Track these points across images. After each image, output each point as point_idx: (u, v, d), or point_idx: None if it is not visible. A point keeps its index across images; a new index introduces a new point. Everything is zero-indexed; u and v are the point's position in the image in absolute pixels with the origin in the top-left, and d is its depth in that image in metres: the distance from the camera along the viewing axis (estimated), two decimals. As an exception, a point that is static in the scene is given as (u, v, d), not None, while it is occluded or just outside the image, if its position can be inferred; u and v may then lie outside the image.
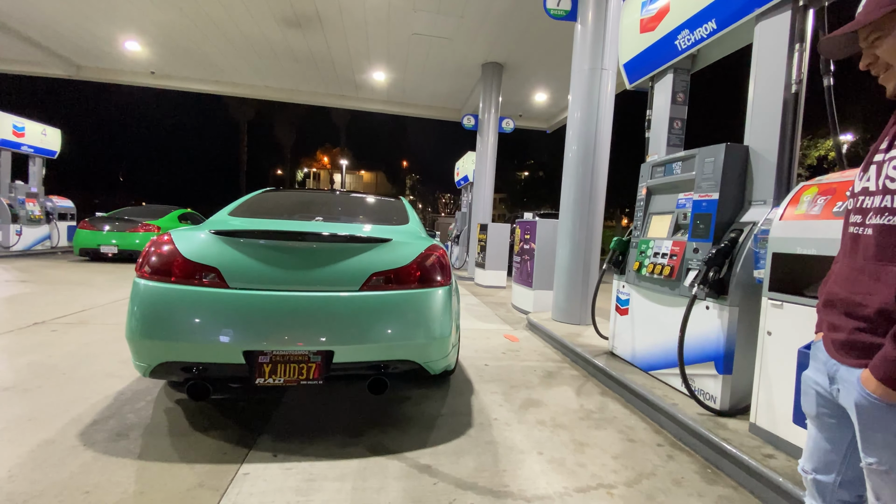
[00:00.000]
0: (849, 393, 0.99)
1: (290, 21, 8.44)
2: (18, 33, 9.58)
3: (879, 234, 0.97)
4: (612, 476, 2.05)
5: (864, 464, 0.97)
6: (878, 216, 0.97)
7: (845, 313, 1.02)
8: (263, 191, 3.48)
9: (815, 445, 1.15)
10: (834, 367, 1.05)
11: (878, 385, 0.90)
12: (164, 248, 2.17)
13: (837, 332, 1.04)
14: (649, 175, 3.31)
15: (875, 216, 0.98)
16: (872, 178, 1.01)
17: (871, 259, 0.98)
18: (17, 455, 1.95)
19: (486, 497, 1.83)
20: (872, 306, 0.95)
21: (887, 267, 0.94)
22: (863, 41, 1.02)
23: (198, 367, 2.09)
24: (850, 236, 1.06)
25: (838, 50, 1.11)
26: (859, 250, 1.02)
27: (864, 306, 0.97)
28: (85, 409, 2.42)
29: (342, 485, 1.86)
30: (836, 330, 1.05)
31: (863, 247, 1.01)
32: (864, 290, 0.98)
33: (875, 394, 0.91)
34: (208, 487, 1.79)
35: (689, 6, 3.04)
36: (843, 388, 1.01)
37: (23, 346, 3.44)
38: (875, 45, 0.99)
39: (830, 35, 1.07)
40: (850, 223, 1.06)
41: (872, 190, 1.00)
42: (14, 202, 9.85)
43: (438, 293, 2.37)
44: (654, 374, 3.08)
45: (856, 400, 0.96)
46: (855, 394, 0.96)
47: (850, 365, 1.00)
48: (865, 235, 1.00)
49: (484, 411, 2.68)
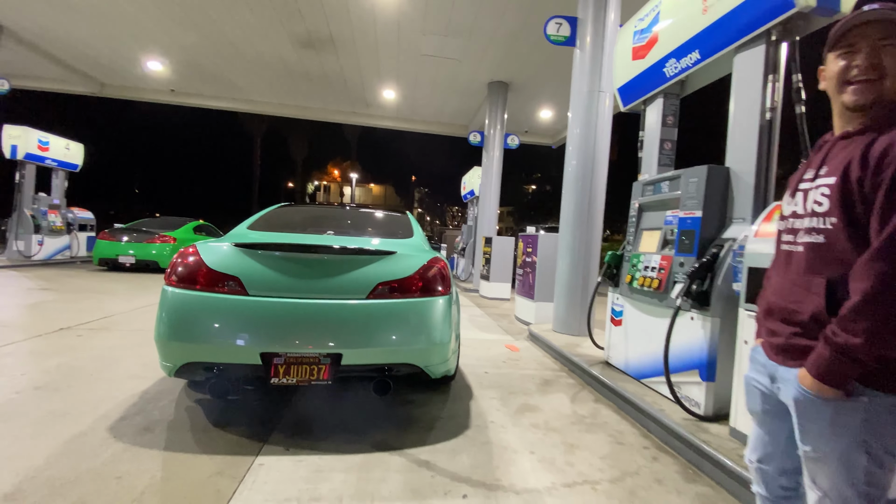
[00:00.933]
0: (788, 390, 1.12)
1: (305, 42, 8.84)
2: (47, 53, 10.13)
3: (809, 251, 1.12)
4: (598, 474, 2.20)
5: (801, 451, 1.11)
6: (807, 235, 1.13)
7: (782, 320, 1.16)
8: (279, 206, 3.73)
9: (758, 438, 1.28)
10: (773, 367, 1.18)
11: (813, 382, 1.03)
12: (190, 259, 2.40)
13: (776, 337, 1.17)
14: (640, 193, 3.50)
15: (805, 235, 1.13)
16: (800, 202, 1.17)
17: (802, 272, 1.12)
18: (52, 446, 2.15)
19: (478, 489, 1.99)
20: (806, 313, 1.09)
21: (816, 279, 1.08)
22: (866, 41, 1.05)
23: (218, 368, 2.30)
24: (783, 253, 1.21)
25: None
26: (792, 265, 1.16)
27: (799, 313, 1.11)
28: (112, 407, 2.63)
29: (347, 476, 2.04)
30: (775, 335, 1.18)
31: (795, 262, 1.15)
32: (798, 299, 1.12)
33: (811, 390, 1.04)
34: (227, 476, 1.98)
35: (676, 38, 3.26)
36: (783, 387, 1.15)
37: (51, 349, 3.68)
38: (885, 49, 1.04)
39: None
40: (783, 241, 1.22)
41: (801, 213, 1.16)
42: (37, 213, 10.28)
43: (439, 302, 2.57)
44: (645, 382, 3.22)
45: (794, 396, 1.09)
46: (793, 390, 1.09)
47: (788, 366, 1.13)
48: (797, 252, 1.15)
49: (481, 415, 2.85)
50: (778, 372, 1.17)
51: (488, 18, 7.39)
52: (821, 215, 1.09)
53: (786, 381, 1.13)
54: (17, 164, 10.04)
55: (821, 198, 1.10)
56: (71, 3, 7.74)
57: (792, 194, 1.22)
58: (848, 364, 0.98)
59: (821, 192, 1.10)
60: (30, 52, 9.75)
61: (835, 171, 1.08)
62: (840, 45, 1.12)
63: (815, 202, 1.11)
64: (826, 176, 1.10)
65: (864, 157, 1.02)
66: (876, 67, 1.05)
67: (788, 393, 1.12)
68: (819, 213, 1.10)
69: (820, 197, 1.10)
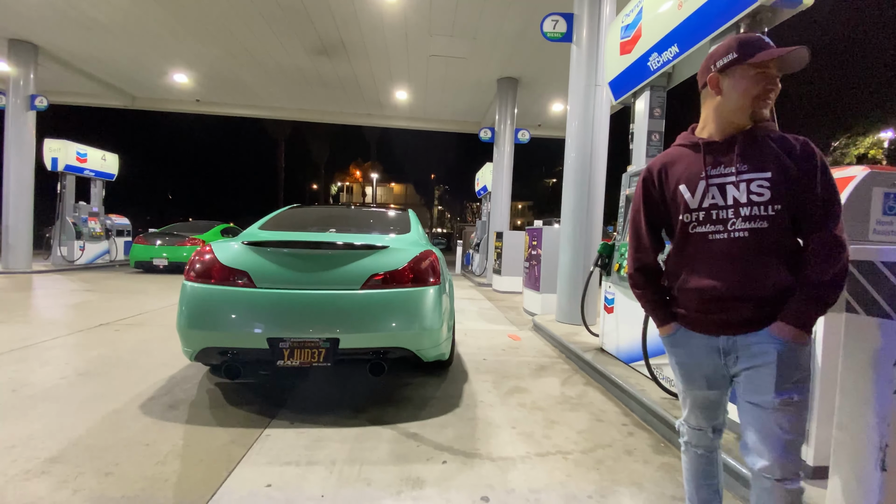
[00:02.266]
0: (756, 351, 1.26)
1: (319, 50, 9.19)
2: (81, 70, 10.83)
3: (754, 236, 1.24)
4: (572, 446, 2.38)
5: (777, 403, 1.22)
6: (748, 222, 1.24)
7: (740, 299, 1.26)
8: (289, 207, 4.02)
9: (697, 409, 1.45)
10: (729, 341, 1.30)
11: (795, 331, 1.20)
12: (206, 257, 2.70)
13: (732, 313, 1.28)
14: (628, 184, 3.62)
15: (744, 222, 1.24)
16: (717, 195, 1.28)
17: (753, 255, 1.24)
18: (92, 420, 2.49)
19: (457, 456, 2.21)
20: (769, 289, 1.24)
21: (770, 259, 1.24)
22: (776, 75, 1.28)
23: (232, 352, 2.59)
24: (709, 242, 1.29)
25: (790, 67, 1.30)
26: (729, 251, 1.26)
27: (763, 290, 1.24)
28: (144, 389, 2.98)
29: (342, 445, 2.29)
30: (730, 312, 1.28)
31: (734, 248, 1.26)
32: (757, 278, 1.24)
33: (792, 339, 1.21)
34: (238, 444, 2.27)
35: (657, 32, 3.37)
36: (745, 353, 1.28)
37: (92, 342, 4.10)
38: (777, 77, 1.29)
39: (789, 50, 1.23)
40: (709, 232, 1.30)
41: (729, 203, 1.27)
42: (78, 221, 11.05)
43: (429, 291, 2.79)
44: (633, 365, 3.36)
45: (777, 349, 1.23)
46: (773, 346, 1.23)
47: (751, 332, 1.27)
48: (737, 238, 1.25)
49: (473, 396, 3.06)
50: (737, 342, 1.29)
51: (492, 17, 7.54)
52: (762, 204, 1.22)
53: (753, 345, 1.27)
54: (58, 175, 10.81)
55: (759, 189, 1.23)
56: (101, 23, 8.31)
57: (702, 189, 1.31)
58: (822, 313, 1.22)
59: (757, 184, 1.23)
60: (65, 69, 10.46)
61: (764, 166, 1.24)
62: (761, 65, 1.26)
63: (755, 193, 1.24)
64: (755, 171, 1.24)
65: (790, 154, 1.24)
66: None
67: (758, 353, 1.26)
68: (759, 203, 1.23)
69: (758, 188, 1.23)
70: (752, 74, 1.26)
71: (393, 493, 1.89)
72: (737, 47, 1.27)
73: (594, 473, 2.11)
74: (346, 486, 1.93)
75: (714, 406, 1.44)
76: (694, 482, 1.51)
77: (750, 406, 1.28)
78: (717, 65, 1.31)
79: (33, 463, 2.02)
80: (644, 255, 1.45)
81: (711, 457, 1.49)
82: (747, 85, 1.27)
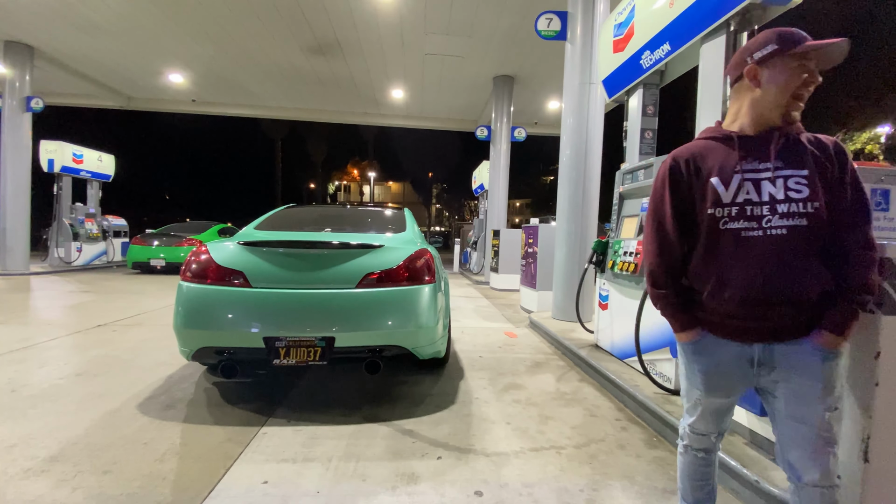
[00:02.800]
0: (797, 363, 1.21)
1: (314, 49, 9.18)
2: (77, 71, 10.80)
3: (793, 235, 1.17)
4: (566, 441, 2.41)
5: (825, 417, 1.19)
6: (785, 219, 1.18)
7: (782, 303, 1.19)
8: (285, 207, 4.04)
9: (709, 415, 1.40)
10: (765, 350, 1.24)
11: (838, 340, 1.17)
12: (201, 257, 2.72)
13: (770, 319, 1.21)
14: (621, 182, 3.65)
15: (780, 219, 1.18)
16: (752, 190, 1.22)
17: (793, 255, 1.17)
18: (90, 419, 2.51)
19: (452, 452, 2.24)
20: (813, 293, 1.18)
21: (811, 260, 1.18)
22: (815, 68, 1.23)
23: (228, 351, 2.61)
24: (748, 240, 1.21)
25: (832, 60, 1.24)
26: (773, 251, 1.18)
27: (805, 293, 1.18)
28: (142, 389, 3.00)
29: (338, 442, 2.32)
30: (767, 319, 1.21)
31: (771, 246, 1.18)
32: (798, 280, 1.18)
33: (837, 348, 1.18)
34: (235, 442, 2.30)
35: (648, 30, 3.39)
36: (785, 363, 1.22)
37: (90, 342, 4.12)
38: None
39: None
40: (743, 229, 1.22)
41: (765, 200, 1.20)
42: (75, 222, 11.03)
43: (424, 290, 2.81)
44: (627, 361, 3.39)
45: (823, 361, 1.19)
46: (817, 357, 1.19)
47: (788, 341, 1.21)
48: (776, 236, 1.18)
49: (468, 392, 3.09)
50: (774, 352, 1.23)
51: (487, 15, 7.55)
52: (800, 201, 1.18)
53: (793, 355, 1.21)
54: (54, 176, 10.80)
55: (797, 185, 1.19)
56: (96, 23, 8.29)
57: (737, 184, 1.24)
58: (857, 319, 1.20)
59: (795, 181, 1.19)
60: (60, 70, 10.43)
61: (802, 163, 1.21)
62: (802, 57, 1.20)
63: (792, 189, 1.19)
64: (792, 168, 1.20)
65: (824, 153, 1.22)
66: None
67: (799, 364, 1.21)
68: (798, 199, 1.18)
69: (795, 185, 1.19)
70: (794, 66, 1.21)
71: (388, 489, 1.92)
72: (776, 39, 1.22)
73: (587, 467, 2.14)
74: (341, 483, 1.95)
75: (726, 412, 1.41)
76: (689, 482, 1.49)
77: (793, 422, 1.23)
78: (754, 56, 1.26)
79: (33, 462, 2.04)
80: (669, 251, 1.34)
81: (710, 458, 1.47)
82: (788, 77, 1.21)
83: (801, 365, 1.21)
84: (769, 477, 1.83)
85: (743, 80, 1.30)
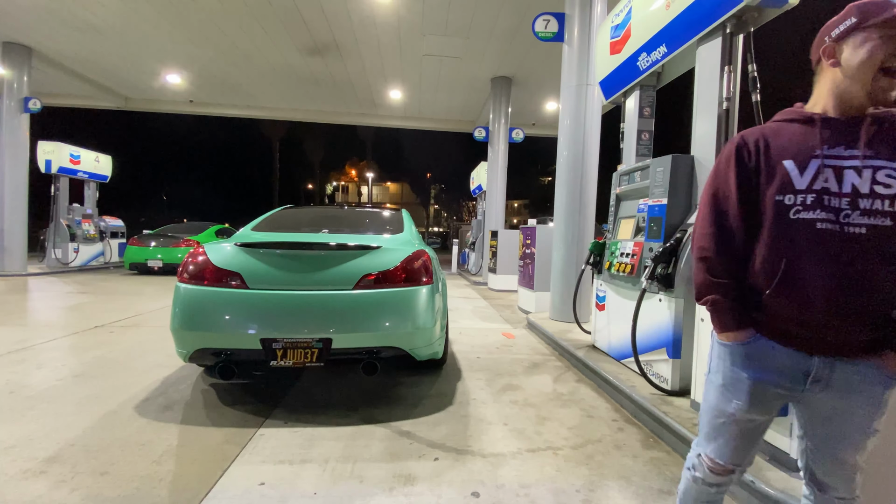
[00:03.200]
0: (857, 384, 1.08)
1: (311, 50, 9.19)
2: (74, 72, 10.78)
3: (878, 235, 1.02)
4: (562, 441, 2.42)
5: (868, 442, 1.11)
6: (868, 217, 1.02)
7: (858, 315, 1.04)
8: (282, 208, 4.04)
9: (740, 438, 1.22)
10: (824, 364, 1.09)
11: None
12: (199, 259, 2.72)
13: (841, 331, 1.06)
14: (618, 183, 3.67)
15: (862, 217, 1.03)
16: (832, 178, 1.06)
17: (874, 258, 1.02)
18: (88, 421, 2.51)
19: (449, 453, 2.25)
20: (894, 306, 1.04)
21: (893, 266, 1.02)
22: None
23: (225, 353, 2.61)
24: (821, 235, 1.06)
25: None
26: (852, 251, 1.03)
27: (887, 305, 1.04)
28: (139, 390, 2.99)
29: (336, 443, 2.33)
30: (838, 329, 1.06)
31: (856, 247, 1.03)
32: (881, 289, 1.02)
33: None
34: (233, 443, 2.30)
35: (645, 32, 3.41)
36: (842, 382, 1.09)
37: (87, 344, 4.11)
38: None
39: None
40: (817, 220, 1.06)
41: (845, 192, 1.05)
42: (72, 223, 11.00)
43: (421, 291, 2.82)
44: (624, 362, 3.41)
45: (886, 388, 1.08)
46: (880, 384, 1.08)
47: (857, 360, 1.08)
48: (855, 234, 1.03)
49: (466, 393, 3.09)
50: (835, 368, 1.09)
51: (484, 17, 7.56)
52: (888, 197, 1.02)
53: (853, 376, 1.09)
54: (51, 177, 10.77)
55: (887, 179, 1.03)
56: (93, 25, 8.28)
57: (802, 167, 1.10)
58: None
59: (886, 174, 1.04)
60: (58, 71, 10.41)
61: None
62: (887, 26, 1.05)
63: (881, 184, 1.03)
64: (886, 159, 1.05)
65: None
66: None
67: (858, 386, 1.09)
68: (885, 196, 1.02)
69: (886, 178, 1.03)
70: (877, 37, 1.05)
71: (385, 490, 1.92)
72: (856, 12, 1.09)
73: (584, 468, 2.15)
74: (338, 484, 1.96)
75: (760, 434, 1.24)
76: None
77: (833, 441, 1.14)
78: (832, 34, 1.13)
79: (32, 462, 2.04)
80: (731, 236, 1.17)
81: (723, 490, 1.31)
82: (871, 49, 1.05)
83: (858, 385, 1.09)
84: (764, 477, 1.84)
85: (822, 60, 1.16)
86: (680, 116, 3.76)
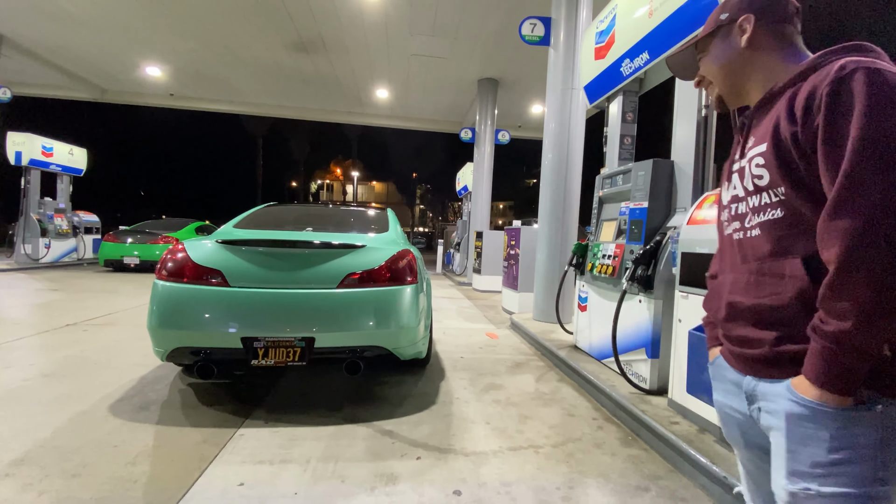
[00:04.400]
0: (775, 407, 0.84)
1: (298, 46, 9.09)
2: (48, 61, 10.45)
3: (768, 230, 0.89)
4: (543, 440, 2.45)
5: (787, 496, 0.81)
6: (759, 214, 0.90)
7: (756, 323, 0.89)
8: (265, 205, 3.99)
9: (748, 476, 1.05)
10: (751, 384, 0.91)
11: (811, 388, 0.76)
12: (178, 255, 2.67)
13: (751, 346, 0.90)
14: (601, 186, 3.73)
15: (756, 216, 0.91)
16: (738, 184, 0.97)
17: (768, 257, 0.88)
18: (59, 421, 2.43)
19: (431, 452, 2.25)
20: (789, 306, 0.83)
21: (789, 260, 0.84)
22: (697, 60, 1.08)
23: (204, 351, 2.57)
24: (734, 243, 0.98)
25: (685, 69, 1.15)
26: (749, 253, 0.93)
27: (780, 308, 0.85)
28: (114, 390, 2.92)
29: (317, 443, 2.31)
30: (748, 344, 0.90)
31: (752, 248, 0.92)
32: (773, 290, 0.86)
33: (811, 398, 0.77)
34: (211, 444, 2.26)
35: (628, 39, 3.48)
36: (767, 405, 0.87)
37: (58, 342, 3.98)
38: (700, 62, 1.06)
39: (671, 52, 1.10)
40: (733, 230, 0.99)
41: (742, 195, 0.95)
42: (43, 217, 10.64)
43: (405, 290, 2.81)
44: (605, 362, 3.46)
45: (786, 410, 0.81)
46: (785, 403, 0.82)
47: (773, 378, 0.86)
48: (752, 237, 0.92)
49: (449, 393, 3.10)
50: (758, 389, 0.89)
51: (472, 18, 7.60)
52: (766, 188, 0.89)
53: (772, 398, 0.86)
54: (22, 170, 10.39)
55: (757, 169, 0.90)
56: (70, 13, 8.03)
57: (728, 178, 1.03)
58: (851, 358, 0.72)
59: (755, 164, 0.90)
60: (31, 60, 10.07)
61: (762, 137, 0.89)
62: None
63: (755, 176, 0.90)
64: (755, 146, 0.91)
65: (791, 111, 0.83)
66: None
67: (776, 410, 0.84)
68: (763, 187, 0.89)
69: (756, 169, 0.90)
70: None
71: (367, 489, 1.91)
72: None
73: (564, 466, 2.18)
74: (319, 483, 1.94)
75: (762, 476, 0.98)
76: None
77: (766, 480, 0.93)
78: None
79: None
80: None
81: None
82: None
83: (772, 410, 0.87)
84: (737, 474, 1.89)
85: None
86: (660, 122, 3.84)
